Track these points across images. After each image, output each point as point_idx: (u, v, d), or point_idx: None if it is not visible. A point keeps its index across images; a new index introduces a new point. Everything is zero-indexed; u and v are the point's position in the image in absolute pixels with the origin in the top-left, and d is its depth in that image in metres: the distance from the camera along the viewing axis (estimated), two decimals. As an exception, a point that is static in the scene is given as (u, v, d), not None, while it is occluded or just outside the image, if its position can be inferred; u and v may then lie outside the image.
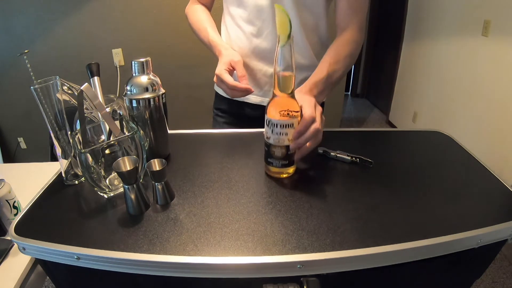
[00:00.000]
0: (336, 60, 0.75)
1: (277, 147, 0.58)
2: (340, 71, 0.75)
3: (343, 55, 0.76)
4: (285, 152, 0.58)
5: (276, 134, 0.57)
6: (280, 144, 0.58)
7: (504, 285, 1.55)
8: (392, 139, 0.76)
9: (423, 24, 2.71)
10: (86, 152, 0.52)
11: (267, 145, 0.60)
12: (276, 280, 0.43)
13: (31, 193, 0.57)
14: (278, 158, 0.59)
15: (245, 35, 0.84)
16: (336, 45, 0.78)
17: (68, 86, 0.59)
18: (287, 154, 0.59)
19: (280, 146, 0.58)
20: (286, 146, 0.58)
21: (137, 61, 0.61)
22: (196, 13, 0.92)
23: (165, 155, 0.69)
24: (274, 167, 0.60)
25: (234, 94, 0.73)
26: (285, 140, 0.57)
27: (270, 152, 0.59)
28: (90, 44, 2.16)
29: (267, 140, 0.59)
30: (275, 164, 0.60)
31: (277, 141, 0.57)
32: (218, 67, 0.75)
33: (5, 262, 0.63)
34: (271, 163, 0.60)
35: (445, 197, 0.56)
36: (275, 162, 0.59)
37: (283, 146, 0.58)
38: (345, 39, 0.78)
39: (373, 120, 3.60)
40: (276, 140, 0.58)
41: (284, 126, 0.56)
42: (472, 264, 0.57)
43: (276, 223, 0.50)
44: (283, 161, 0.59)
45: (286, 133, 0.57)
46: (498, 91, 1.87)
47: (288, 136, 0.57)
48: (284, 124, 0.56)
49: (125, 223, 0.50)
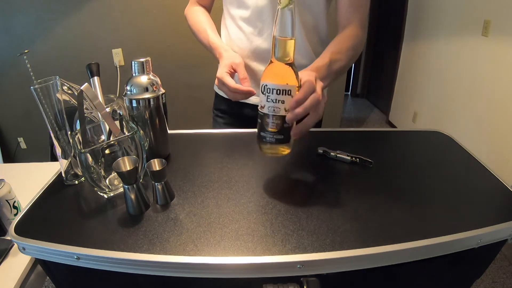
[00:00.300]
0: (339, 50, 0.73)
1: (272, 117, 0.51)
2: (343, 62, 0.73)
3: (346, 47, 0.75)
4: (281, 124, 0.52)
5: (271, 101, 0.51)
6: (275, 113, 0.51)
7: (504, 285, 1.55)
8: (392, 139, 0.76)
9: (423, 24, 2.71)
10: (86, 152, 0.52)
11: (260, 116, 0.53)
12: (276, 280, 0.43)
13: (31, 193, 0.57)
14: (272, 131, 0.52)
15: (245, 36, 0.84)
16: (339, 38, 0.77)
17: (68, 86, 0.59)
18: (283, 127, 0.52)
19: (276, 116, 0.51)
20: (282, 116, 0.51)
21: (137, 61, 0.61)
22: (196, 14, 0.92)
23: (165, 155, 0.69)
24: (268, 142, 0.54)
25: (236, 96, 0.72)
26: (281, 109, 0.51)
27: (264, 124, 0.53)
28: (90, 44, 2.16)
29: (261, 110, 0.53)
30: (268, 139, 0.53)
31: (272, 109, 0.51)
32: (219, 70, 0.74)
33: (5, 262, 0.63)
34: (264, 137, 0.54)
35: (445, 197, 0.56)
36: (269, 136, 0.53)
37: (278, 116, 0.51)
38: (348, 33, 0.77)
39: (373, 120, 3.60)
40: (271, 109, 0.51)
41: (281, 93, 0.50)
42: (472, 264, 0.57)
43: (276, 223, 0.50)
44: (278, 136, 0.53)
45: (283, 101, 0.50)
46: (498, 91, 1.87)
47: (285, 105, 0.51)
48: (281, 90, 0.50)
49: (125, 223, 0.50)
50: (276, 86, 0.50)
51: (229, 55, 0.78)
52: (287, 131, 0.53)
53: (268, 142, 0.54)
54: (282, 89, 0.50)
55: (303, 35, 0.82)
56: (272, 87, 0.50)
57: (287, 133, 0.53)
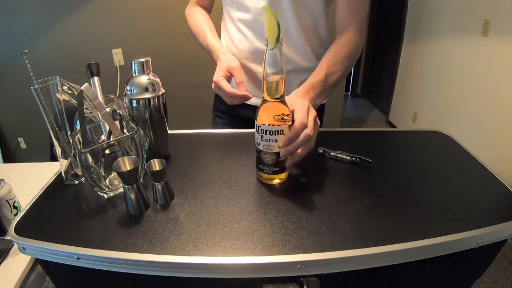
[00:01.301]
0: (335, 62, 0.73)
1: (267, 153, 0.57)
2: (339, 73, 0.74)
3: (342, 56, 0.74)
4: (275, 159, 0.57)
5: (265, 140, 0.56)
6: (270, 151, 0.56)
7: (504, 285, 1.55)
8: (392, 139, 0.76)
9: (423, 24, 2.71)
10: (86, 152, 0.52)
11: (257, 151, 0.58)
12: (276, 280, 0.43)
13: (31, 193, 0.57)
14: (268, 164, 0.58)
15: (245, 38, 0.84)
16: (335, 47, 0.76)
17: (68, 86, 0.59)
18: (278, 161, 0.57)
19: (270, 153, 0.56)
20: (276, 153, 0.56)
21: (137, 61, 0.61)
22: (196, 15, 0.92)
23: (165, 155, 0.69)
24: (265, 173, 0.59)
25: (232, 101, 0.72)
26: (275, 147, 0.56)
27: (261, 158, 0.58)
28: (90, 44, 2.16)
29: (257, 147, 0.58)
30: (265, 170, 0.59)
31: (267, 147, 0.56)
32: (215, 74, 0.74)
33: (5, 262, 0.63)
34: (262, 169, 0.59)
35: (445, 197, 0.56)
36: (266, 168, 0.58)
37: (273, 152, 0.56)
38: (344, 41, 0.76)
39: (373, 120, 3.60)
40: (265, 147, 0.56)
41: (274, 133, 0.55)
42: (472, 264, 0.57)
43: (276, 223, 0.50)
44: (274, 168, 0.58)
45: (275, 140, 0.55)
46: (498, 91, 1.87)
47: (278, 143, 0.56)
48: (274, 131, 0.55)
49: (125, 223, 0.50)
50: (269, 128, 0.55)
51: (226, 58, 0.78)
52: (282, 163, 0.58)
53: (266, 173, 0.59)
54: (274, 130, 0.55)
55: (302, 36, 0.81)
56: (265, 129, 0.55)
57: (281, 165, 0.59)
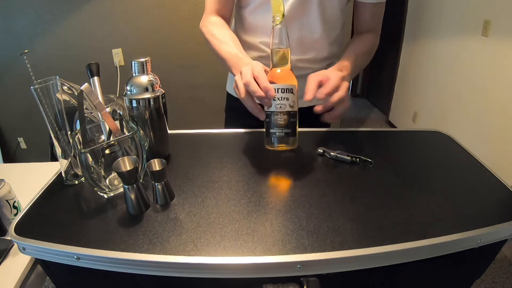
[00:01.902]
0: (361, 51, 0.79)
1: (279, 113, 0.58)
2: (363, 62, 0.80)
3: (366, 50, 0.81)
4: (288, 119, 0.59)
5: (278, 99, 0.58)
6: (282, 110, 0.58)
7: (504, 285, 1.55)
8: (392, 139, 0.76)
9: (423, 24, 2.71)
10: (86, 152, 0.52)
11: (268, 115, 0.60)
12: (276, 280, 0.43)
13: (31, 193, 0.57)
14: (281, 126, 0.59)
15: None
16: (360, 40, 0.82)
17: (68, 86, 0.59)
18: (289, 122, 0.59)
19: (283, 112, 0.58)
20: (288, 112, 0.58)
21: (137, 61, 0.61)
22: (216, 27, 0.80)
23: (165, 155, 0.69)
24: (277, 137, 0.60)
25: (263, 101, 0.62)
26: (286, 105, 0.58)
27: (272, 121, 0.59)
28: (90, 44, 2.16)
29: (268, 109, 0.59)
30: (278, 134, 0.60)
31: (279, 106, 0.58)
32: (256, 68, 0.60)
33: (5, 262, 0.63)
34: (274, 133, 0.60)
35: (445, 197, 0.56)
36: (278, 131, 0.59)
37: (285, 112, 0.58)
38: (367, 39, 0.83)
39: (373, 120, 3.60)
40: (278, 106, 0.58)
41: (285, 91, 0.57)
42: (472, 264, 0.57)
43: (276, 223, 0.50)
44: (286, 130, 0.59)
45: (287, 98, 0.58)
46: (498, 91, 1.87)
47: (289, 102, 0.58)
48: (285, 89, 0.57)
49: (125, 223, 0.50)
50: (280, 86, 0.58)
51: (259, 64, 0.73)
52: (294, 125, 0.60)
53: (277, 137, 0.61)
54: (285, 88, 0.58)
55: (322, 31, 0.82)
56: (277, 87, 0.57)
57: (293, 127, 0.60)
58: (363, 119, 3.66)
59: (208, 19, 0.83)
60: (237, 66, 0.68)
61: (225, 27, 0.80)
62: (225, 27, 0.80)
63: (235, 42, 0.75)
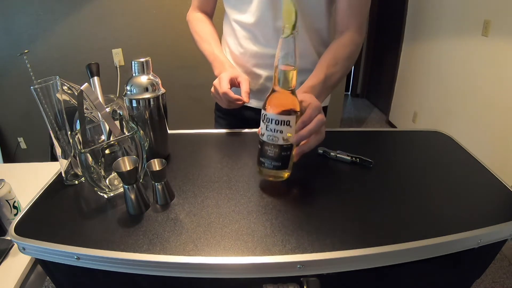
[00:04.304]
0: (334, 62, 0.73)
1: (270, 145, 0.53)
2: (338, 74, 0.73)
3: (342, 57, 0.74)
4: (279, 152, 0.53)
5: (270, 130, 0.52)
6: (273, 142, 0.53)
7: (504, 285, 1.55)
8: (392, 139, 0.76)
9: (423, 24, 2.71)
10: (86, 152, 0.52)
11: (260, 143, 0.55)
12: (276, 280, 0.43)
13: (31, 193, 0.57)
14: (270, 158, 0.54)
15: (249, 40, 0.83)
16: (334, 47, 0.76)
17: (68, 86, 0.59)
18: (281, 155, 0.54)
19: (274, 145, 0.53)
20: (280, 145, 0.53)
21: (137, 61, 0.61)
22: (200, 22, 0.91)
23: (165, 155, 0.69)
24: (266, 168, 0.56)
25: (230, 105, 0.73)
26: (279, 138, 0.52)
27: (263, 150, 0.55)
28: (90, 44, 2.16)
29: (261, 138, 0.54)
30: (267, 164, 0.55)
31: (271, 138, 0.53)
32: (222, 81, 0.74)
33: (5, 262, 0.63)
34: (263, 163, 0.56)
35: (445, 197, 0.56)
36: (267, 162, 0.55)
37: (276, 145, 0.53)
38: (344, 41, 0.76)
39: (373, 120, 3.60)
40: (269, 138, 0.53)
41: (280, 123, 0.51)
42: (472, 264, 0.57)
43: (276, 223, 0.50)
44: (276, 163, 0.54)
45: (281, 131, 0.52)
46: (498, 91, 1.87)
47: (283, 135, 0.52)
48: (280, 121, 0.51)
49: (125, 223, 0.50)
50: (275, 117, 0.51)
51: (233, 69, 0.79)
52: (286, 158, 0.55)
53: (267, 167, 0.56)
54: (280, 120, 0.51)
55: (306, 38, 0.81)
56: (271, 117, 0.52)
57: (285, 161, 0.55)
58: (363, 119, 3.66)
59: (193, 15, 0.94)
60: (214, 64, 0.85)
61: (207, 23, 0.91)
62: (207, 23, 0.91)
63: (213, 39, 0.87)
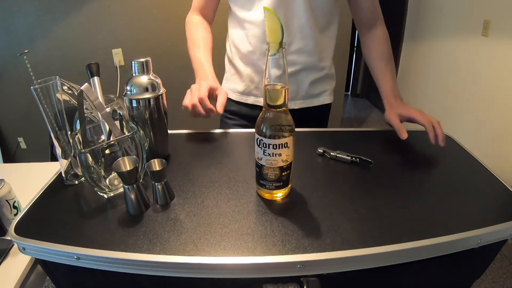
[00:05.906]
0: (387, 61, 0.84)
1: (270, 168, 0.51)
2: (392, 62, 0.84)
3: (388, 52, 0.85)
4: (279, 173, 0.52)
5: (268, 155, 0.50)
6: (273, 166, 0.51)
7: (504, 285, 1.55)
8: (392, 139, 0.76)
9: (423, 24, 2.71)
10: (86, 152, 0.52)
11: (258, 166, 0.53)
12: (276, 280, 0.43)
13: (31, 193, 0.57)
14: (271, 180, 0.53)
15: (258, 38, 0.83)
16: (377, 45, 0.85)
17: (68, 86, 0.59)
18: (281, 175, 0.52)
19: (274, 168, 0.51)
20: (279, 167, 0.51)
21: (137, 61, 0.61)
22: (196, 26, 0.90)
23: (165, 155, 0.69)
24: (267, 189, 0.54)
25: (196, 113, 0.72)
26: (278, 161, 0.50)
27: (262, 174, 0.53)
28: (90, 44, 2.16)
29: (259, 161, 0.52)
30: (268, 186, 0.54)
31: (270, 162, 0.51)
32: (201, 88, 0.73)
33: (5, 262, 0.63)
34: (263, 185, 0.54)
35: (445, 197, 0.56)
36: (268, 184, 0.53)
37: (276, 167, 0.51)
38: (381, 37, 0.85)
39: (373, 120, 3.60)
40: (268, 162, 0.51)
41: (278, 147, 0.49)
42: (472, 264, 0.57)
43: (276, 223, 0.50)
44: (277, 183, 0.53)
45: (279, 154, 0.50)
46: (498, 91, 1.87)
47: (282, 157, 0.50)
48: (278, 145, 0.49)
49: (125, 223, 0.50)
50: (272, 142, 0.49)
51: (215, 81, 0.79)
52: (286, 177, 0.53)
53: (268, 188, 0.54)
54: (278, 144, 0.49)
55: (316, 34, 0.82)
56: (268, 143, 0.49)
57: (285, 179, 0.53)
58: (363, 119, 3.66)
59: (191, 17, 0.93)
60: (198, 72, 0.83)
61: (202, 28, 0.90)
62: (202, 28, 0.90)
63: (203, 46, 0.87)
